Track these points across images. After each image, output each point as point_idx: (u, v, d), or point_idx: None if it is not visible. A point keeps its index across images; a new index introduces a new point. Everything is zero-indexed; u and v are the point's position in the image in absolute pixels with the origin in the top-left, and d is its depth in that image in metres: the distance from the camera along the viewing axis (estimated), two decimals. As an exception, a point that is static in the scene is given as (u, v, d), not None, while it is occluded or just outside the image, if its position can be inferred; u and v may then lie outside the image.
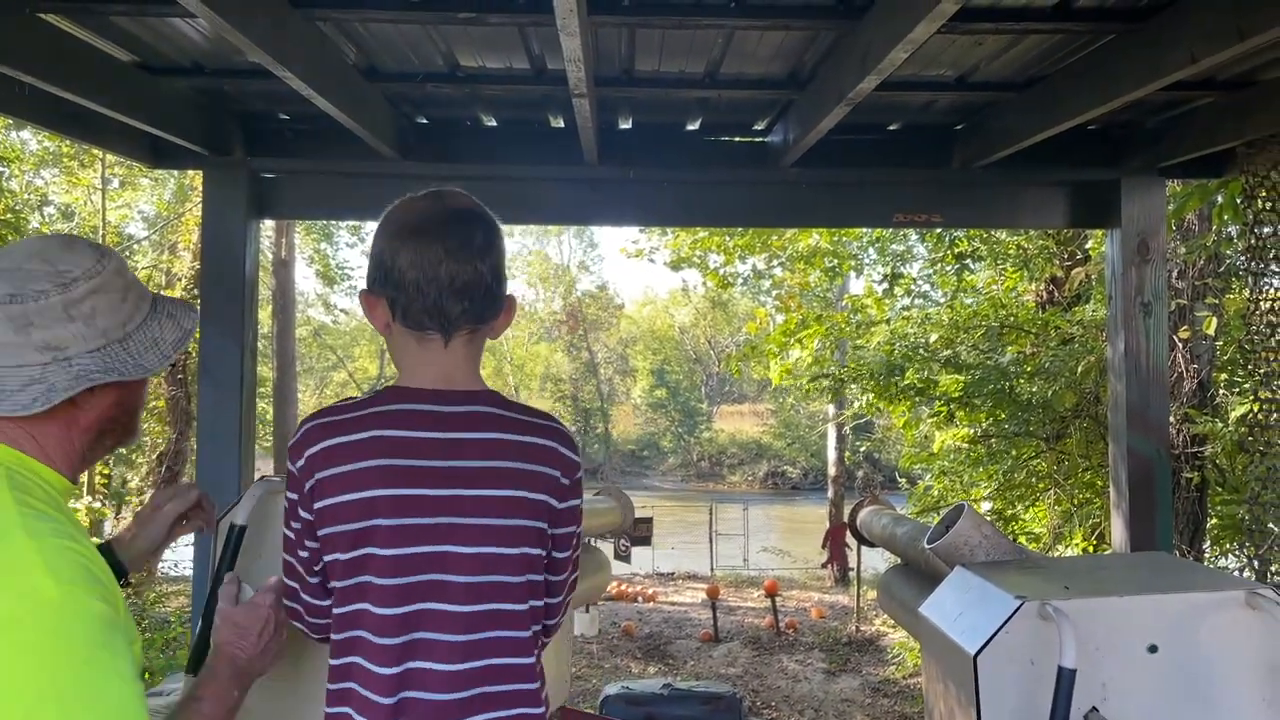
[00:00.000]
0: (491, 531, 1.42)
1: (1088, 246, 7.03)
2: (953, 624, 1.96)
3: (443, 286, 1.41)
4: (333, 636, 1.44)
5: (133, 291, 1.35)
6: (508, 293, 1.51)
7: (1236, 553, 4.82)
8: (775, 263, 10.79)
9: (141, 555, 1.68)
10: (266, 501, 1.74)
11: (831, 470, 15.23)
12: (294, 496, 1.45)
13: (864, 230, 9.61)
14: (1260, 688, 1.78)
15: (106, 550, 1.62)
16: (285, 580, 1.51)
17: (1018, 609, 1.79)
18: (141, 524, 1.68)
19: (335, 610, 1.43)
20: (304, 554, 1.46)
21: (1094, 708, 1.77)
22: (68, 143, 10.84)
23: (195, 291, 10.33)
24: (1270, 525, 3.43)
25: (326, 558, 1.43)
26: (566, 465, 1.50)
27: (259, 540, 1.72)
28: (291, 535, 1.48)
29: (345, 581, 1.41)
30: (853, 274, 11.13)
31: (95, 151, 11.06)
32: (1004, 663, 1.78)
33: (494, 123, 3.76)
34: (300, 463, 1.43)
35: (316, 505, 1.41)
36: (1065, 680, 1.66)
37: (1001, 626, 1.79)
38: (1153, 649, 1.78)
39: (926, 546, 2.36)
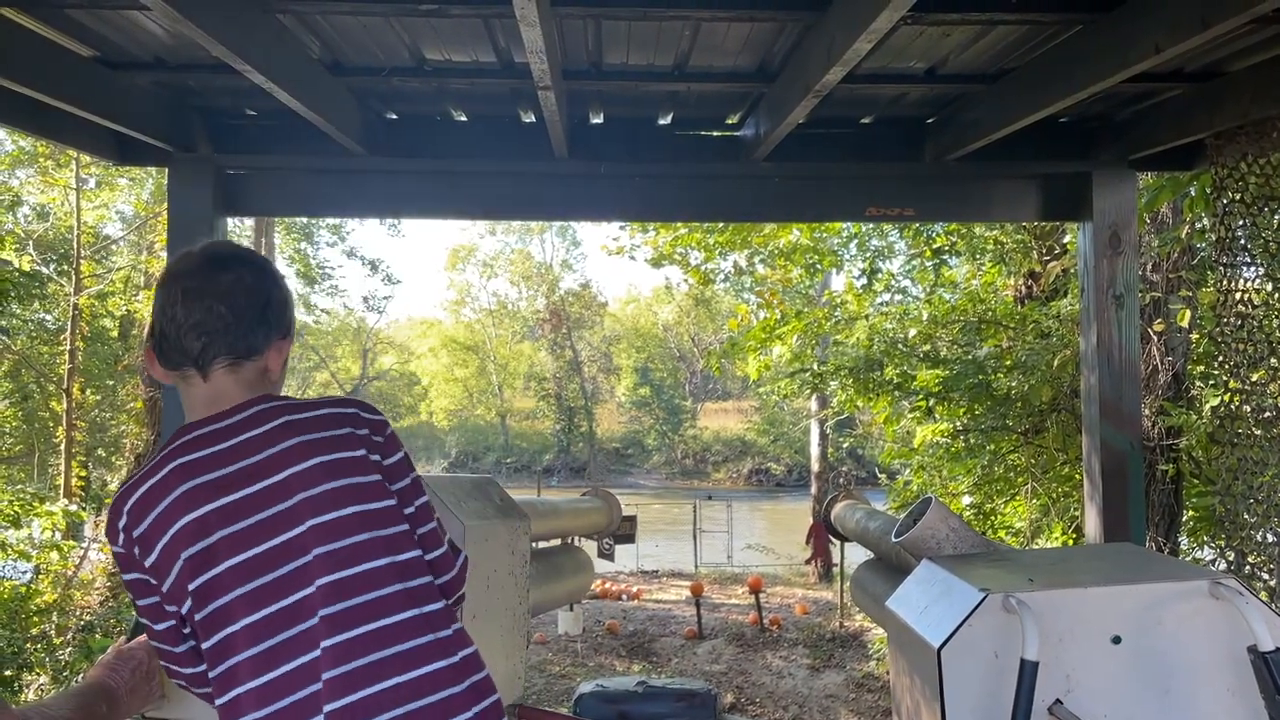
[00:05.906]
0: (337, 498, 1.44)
1: (1066, 240, 7.04)
2: (918, 617, 1.94)
3: (180, 326, 1.47)
4: (210, 674, 1.40)
5: None
6: (279, 339, 1.54)
7: (1212, 544, 4.83)
8: (757, 259, 10.78)
9: None
10: None
11: (815, 466, 15.26)
12: (131, 576, 1.45)
13: (843, 226, 9.60)
14: (1224, 677, 1.77)
15: None
16: (169, 666, 1.51)
17: (981, 602, 1.78)
18: None
19: (204, 645, 1.39)
20: (168, 625, 1.44)
21: (1058, 699, 1.76)
22: (42, 142, 10.71)
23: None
24: (1245, 516, 3.43)
25: (184, 607, 1.40)
26: (370, 422, 1.52)
27: None
28: (149, 619, 1.47)
29: (205, 609, 1.38)
30: (834, 271, 11.12)
31: (71, 151, 10.95)
32: (968, 656, 1.77)
33: (464, 118, 3.72)
34: (121, 538, 1.44)
35: (149, 562, 1.41)
36: (1027, 673, 1.65)
37: (965, 620, 1.78)
38: (1116, 640, 1.78)
39: (894, 540, 2.35)
